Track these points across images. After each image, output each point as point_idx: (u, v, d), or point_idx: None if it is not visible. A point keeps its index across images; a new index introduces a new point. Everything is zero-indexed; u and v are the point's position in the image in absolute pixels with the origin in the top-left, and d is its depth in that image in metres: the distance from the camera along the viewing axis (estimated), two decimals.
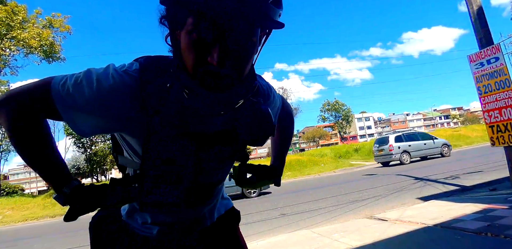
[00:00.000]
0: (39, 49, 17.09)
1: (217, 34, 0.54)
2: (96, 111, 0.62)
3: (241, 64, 0.59)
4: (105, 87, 0.61)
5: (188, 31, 0.56)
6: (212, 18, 0.52)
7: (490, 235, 2.56)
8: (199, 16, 0.53)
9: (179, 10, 0.57)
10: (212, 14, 0.52)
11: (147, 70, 0.64)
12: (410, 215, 3.68)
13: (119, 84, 0.61)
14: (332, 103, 50.23)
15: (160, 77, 0.64)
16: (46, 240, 6.05)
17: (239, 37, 0.55)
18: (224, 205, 0.97)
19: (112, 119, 0.64)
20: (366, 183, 8.12)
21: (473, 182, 5.84)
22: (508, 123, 4.06)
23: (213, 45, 0.54)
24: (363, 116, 71.61)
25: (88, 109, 0.61)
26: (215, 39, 0.54)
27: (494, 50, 4.22)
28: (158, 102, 0.63)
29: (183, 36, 0.58)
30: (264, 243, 3.39)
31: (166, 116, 0.64)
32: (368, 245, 2.76)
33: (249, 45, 0.58)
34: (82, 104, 0.60)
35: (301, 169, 15.83)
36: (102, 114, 0.62)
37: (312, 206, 5.72)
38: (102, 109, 0.62)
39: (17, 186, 35.19)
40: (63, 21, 18.17)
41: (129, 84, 0.62)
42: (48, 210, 12.21)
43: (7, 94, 0.62)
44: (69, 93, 0.60)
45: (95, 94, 0.60)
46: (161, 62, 0.66)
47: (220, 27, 0.53)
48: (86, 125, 0.64)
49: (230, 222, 0.97)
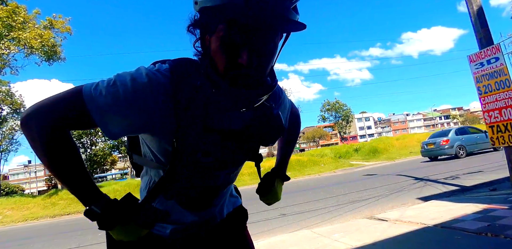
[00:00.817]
0: (40, 50, 17.16)
1: (246, 38, 0.60)
2: (130, 110, 0.64)
3: (265, 65, 0.65)
4: (140, 85, 0.64)
5: (220, 36, 0.62)
6: (242, 24, 0.59)
7: (490, 235, 2.56)
8: (230, 23, 0.60)
9: (212, 18, 0.63)
10: (242, 21, 0.59)
11: (177, 70, 0.69)
12: (410, 215, 3.68)
13: (154, 82, 0.65)
14: (332, 103, 50.23)
15: (189, 77, 0.69)
16: (46, 240, 6.05)
17: (265, 41, 0.62)
18: (232, 202, 1.00)
19: (145, 117, 0.66)
20: (366, 183, 8.12)
21: (473, 182, 5.84)
22: (508, 123, 4.06)
23: (242, 48, 0.61)
24: (363, 116, 71.64)
25: (122, 109, 0.63)
26: (245, 43, 0.61)
27: (494, 50, 4.22)
28: (188, 99, 0.68)
29: (214, 40, 0.64)
30: (264, 243, 3.39)
31: (195, 112, 0.69)
32: (368, 245, 2.76)
33: (271, 47, 0.64)
34: (117, 104, 0.63)
35: (301, 169, 15.82)
36: (136, 112, 0.65)
37: (312, 206, 5.72)
38: (137, 107, 0.64)
39: (17, 186, 35.16)
40: (64, 22, 18.30)
41: (163, 83, 0.66)
42: (48, 210, 12.21)
43: (38, 104, 0.63)
44: (102, 95, 0.62)
45: (130, 93, 0.63)
46: (188, 63, 0.72)
47: (248, 32, 0.60)
48: (118, 127, 0.66)
49: (238, 219, 1.00)
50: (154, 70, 0.67)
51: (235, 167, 0.86)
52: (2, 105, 20.91)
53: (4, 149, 23.75)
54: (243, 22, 0.58)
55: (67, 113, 0.62)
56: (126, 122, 0.65)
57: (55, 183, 35.37)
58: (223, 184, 0.86)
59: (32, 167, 50.20)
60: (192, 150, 0.71)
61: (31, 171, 50.69)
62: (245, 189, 1.12)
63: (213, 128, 0.72)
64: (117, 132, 0.66)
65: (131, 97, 0.63)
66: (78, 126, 0.65)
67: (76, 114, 0.62)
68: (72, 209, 11.88)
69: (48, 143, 0.63)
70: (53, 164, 0.64)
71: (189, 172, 0.75)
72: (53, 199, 13.77)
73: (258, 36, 0.61)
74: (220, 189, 0.87)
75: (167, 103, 0.66)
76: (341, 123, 50.76)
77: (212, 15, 0.62)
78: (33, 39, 16.39)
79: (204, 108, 0.69)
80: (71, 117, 0.63)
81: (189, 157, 0.72)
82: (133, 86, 0.63)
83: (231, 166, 0.84)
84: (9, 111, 21.78)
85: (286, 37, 0.69)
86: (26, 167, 52.65)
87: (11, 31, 16.12)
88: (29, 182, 48.13)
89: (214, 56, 0.64)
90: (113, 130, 0.65)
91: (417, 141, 20.58)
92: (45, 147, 0.63)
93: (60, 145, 0.63)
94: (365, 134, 68.39)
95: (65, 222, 9.30)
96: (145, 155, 0.81)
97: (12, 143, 24.42)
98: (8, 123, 22.85)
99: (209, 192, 0.84)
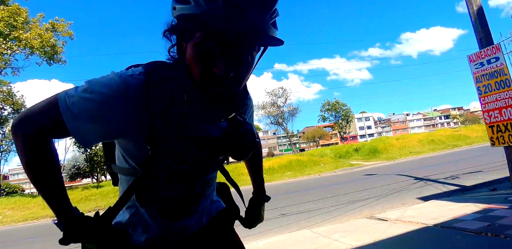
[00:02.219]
0: (41, 50, 17.24)
1: (223, 48, 0.60)
2: (103, 117, 0.63)
3: (241, 76, 0.65)
4: (112, 91, 0.63)
5: (196, 44, 0.61)
6: (219, 35, 0.58)
7: (490, 235, 2.56)
8: (208, 31, 0.59)
9: (188, 24, 0.61)
10: (220, 30, 0.57)
11: (151, 74, 0.67)
12: (410, 215, 3.68)
13: (124, 87, 0.64)
14: (332, 103, 50.20)
15: (164, 81, 0.68)
16: (46, 240, 6.05)
17: (242, 52, 0.62)
18: (215, 208, 0.97)
19: (119, 124, 0.65)
20: (366, 183, 8.12)
21: (473, 182, 5.84)
22: (508, 123, 4.06)
23: (219, 57, 0.60)
24: (363, 116, 71.59)
25: (96, 117, 0.63)
26: (222, 53, 0.60)
27: (495, 50, 4.21)
28: (163, 105, 0.67)
29: (190, 47, 0.63)
30: (264, 243, 3.39)
31: (170, 118, 0.68)
32: (368, 245, 2.76)
33: (248, 59, 0.64)
34: (90, 113, 0.62)
35: (301, 169, 15.82)
36: (109, 119, 0.64)
37: (312, 206, 5.72)
38: (110, 114, 0.63)
39: (17, 186, 35.15)
40: (65, 26, 18.48)
41: (134, 87, 0.65)
42: (48, 210, 12.19)
43: (22, 114, 0.64)
44: (74, 102, 0.62)
45: (102, 100, 0.62)
46: (163, 67, 0.70)
47: (225, 42, 0.59)
48: (91, 134, 0.66)
49: (222, 222, 0.97)
50: (127, 75, 0.66)
51: (210, 174, 0.86)
52: (4, 105, 20.94)
53: (4, 149, 23.76)
54: (221, 32, 0.57)
55: (46, 123, 0.63)
56: (99, 129, 0.65)
57: None
58: (202, 191, 0.85)
59: None
60: (166, 156, 0.71)
61: None
62: (245, 189, 1.11)
63: (189, 135, 0.72)
64: (92, 139, 0.67)
65: (103, 104, 0.62)
66: (58, 134, 0.65)
67: (54, 124, 0.63)
68: None
69: (28, 152, 0.65)
70: (31, 173, 0.66)
71: (164, 178, 0.75)
72: None
73: (235, 47, 0.60)
74: (201, 196, 0.86)
75: (140, 109, 0.65)
76: (341, 123, 50.73)
77: (190, 23, 0.60)
78: (33, 39, 16.46)
79: (180, 114, 0.69)
80: (50, 127, 0.64)
81: (163, 163, 0.71)
82: (105, 93, 0.62)
83: (206, 174, 0.83)
84: (10, 112, 21.81)
85: (263, 51, 0.68)
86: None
87: (13, 31, 16.21)
88: (29, 182, 48.08)
89: (190, 63, 0.64)
90: (86, 137, 0.65)
91: (417, 141, 20.57)
92: (25, 156, 0.65)
93: (38, 154, 0.65)
94: (365, 134, 68.35)
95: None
96: (120, 162, 0.80)
97: (13, 143, 24.41)
98: (9, 123, 22.88)
99: (187, 199, 0.82)
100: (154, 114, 0.66)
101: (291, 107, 41.39)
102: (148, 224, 0.81)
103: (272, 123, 41.89)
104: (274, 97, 40.68)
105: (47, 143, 0.66)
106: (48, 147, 0.66)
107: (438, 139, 21.13)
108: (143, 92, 0.65)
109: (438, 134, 23.02)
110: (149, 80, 0.66)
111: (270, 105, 40.71)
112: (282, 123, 41.69)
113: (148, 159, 0.70)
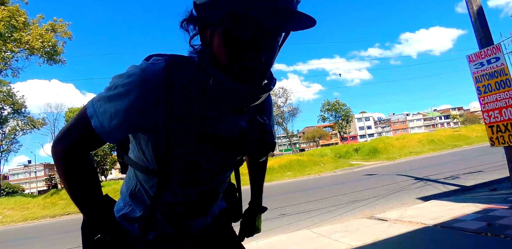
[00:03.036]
0: (41, 50, 17.31)
1: (253, 34, 0.59)
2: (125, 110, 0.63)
3: (269, 62, 0.64)
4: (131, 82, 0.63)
5: (224, 30, 0.60)
6: (249, 20, 0.57)
7: (490, 235, 2.56)
8: (237, 18, 0.57)
9: (214, 11, 0.60)
10: (249, 16, 0.57)
11: (172, 61, 0.67)
12: (410, 215, 3.68)
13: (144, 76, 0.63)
14: (332, 103, 50.21)
15: (184, 73, 0.67)
16: (46, 240, 6.05)
17: (272, 36, 0.61)
18: (217, 207, 0.98)
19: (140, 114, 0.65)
20: (366, 183, 8.12)
21: (473, 182, 5.84)
22: (508, 123, 4.05)
23: (251, 43, 0.59)
24: (363, 116, 71.57)
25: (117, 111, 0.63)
26: (254, 38, 0.59)
27: (495, 50, 4.21)
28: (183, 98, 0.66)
29: (217, 35, 0.61)
30: (264, 243, 3.39)
31: (191, 113, 0.67)
32: (368, 245, 2.76)
33: (275, 46, 0.63)
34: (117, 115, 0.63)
35: (301, 169, 15.81)
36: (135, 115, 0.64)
37: (312, 206, 5.72)
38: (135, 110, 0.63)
39: (17, 186, 35.14)
40: (64, 26, 18.58)
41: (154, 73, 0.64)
42: (48, 210, 12.21)
43: (60, 132, 0.68)
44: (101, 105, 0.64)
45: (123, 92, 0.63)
46: (185, 59, 0.70)
47: (255, 28, 0.58)
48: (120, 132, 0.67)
49: (224, 222, 0.99)
50: (147, 63, 0.65)
51: (227, 173, 0.86)
52: (4, 105, 20.93)
53: (4, 149, 23.76)
54: (252, 16, 0.56)
55: (81, 138, 0.66)
56: (126, 126, 0.66)
57: (55, 183, 35.37)
58: (217, 191, 0.86)
59: (32, 167, 50.18)
60: (182, 155, 0.70)
61: (31, 171, 50.65)
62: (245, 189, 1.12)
63: (208, 133, 0.70)
64: (120, 137, 0.68)
65: (126, 96, 0.62)
66: (95, 145, 0.68)
67: (90, 138, 0.65)
68: (72, 209, 11.87)
69: (67, 167, 0.67)
70: (70, 187, 0.68)
71: (183, 176, 0.75)
72: (53, 199, 13.77)
73: (266, 32, 0.59)
74: (216, 196, 0.87)
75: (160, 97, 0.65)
76: (341, 123, 50.73)
77: (216, 9, 0.59)
78: (34, 39, 16.51)
79: (200, 109, 0.68)
80: (86, 141, 0.66)
81: (182, 161, 0.71)
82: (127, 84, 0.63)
83: (223, 172, 0.84)
84: (10, 112, 21.81)
85: (286, 36, 0.67)
86: (26, 167, 52.57)
87: (14, 32, 16.25)
88: (29, 182, 48.11)
89: (218, 51, 0.62)
90: (116, 136, 0.67)
91: (417, 141, 20.56)
92: (64, 170, 0.67)
93: (77, 169, 0.67)
94: (365, 134, 68.32)
95: (65, 222, 9.30)
96: (136, 156, 0.78)
97: (13, 143, 24.44)
98: (10, 123, 22.90)
99: (204, 200, 0.83)
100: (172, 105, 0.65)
101: (291, 108, 41.44)
102: (159, 222, 0.81)
103: None
104: (274, 97, 40.70)
105: (84, 157, 0.67)
106: (86, 159, 0.68)
107: (438, 139, 21.12)
108: (163, 78, 0.64)
109: (438, 134, 23.00)
110: (169, 66, 0.65)
111: None
112: (282, 124, 41.71)
113: (165, 155, 0.69)
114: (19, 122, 23.53)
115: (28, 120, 23.59)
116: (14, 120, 22.92)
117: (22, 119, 23.32)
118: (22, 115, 22.83)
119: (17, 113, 22.14)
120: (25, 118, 23.28)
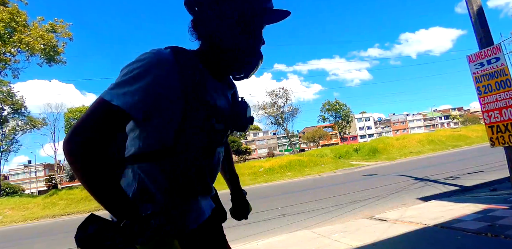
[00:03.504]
0: (42, 51, 17.35)
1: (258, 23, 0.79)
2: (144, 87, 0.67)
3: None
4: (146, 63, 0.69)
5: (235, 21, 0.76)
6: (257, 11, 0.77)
7: (490, 235, 2.56)
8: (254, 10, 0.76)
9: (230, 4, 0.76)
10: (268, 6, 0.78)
11: (176, 48, 0.77)
12: (410, 215, 3.68)
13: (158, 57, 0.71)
14: (332, 104, 50.23)
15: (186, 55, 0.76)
16: (46, 240, 6.05)
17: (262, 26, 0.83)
18: (209, 205, 0.97)
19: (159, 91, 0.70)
20: (366, 183, 8.12)
21: (473, 182, 5.84)
22: (508, 123, 4.05)
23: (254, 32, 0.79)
24: (363, 116, 71.54)
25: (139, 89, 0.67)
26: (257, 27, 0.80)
27: (495, 50, 4.21)
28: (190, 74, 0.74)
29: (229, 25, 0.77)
30: (264, 243, 3.39)
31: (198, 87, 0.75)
32: (368, 245, 2.76)
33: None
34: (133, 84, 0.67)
35: (301, 169, 15.82)
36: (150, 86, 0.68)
37: (312, 206, 5.72)
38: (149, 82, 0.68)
39: (17, 186, 35.13)
40: (65, 27, 18.66)
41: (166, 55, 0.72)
42: (48, 210, 12.21)
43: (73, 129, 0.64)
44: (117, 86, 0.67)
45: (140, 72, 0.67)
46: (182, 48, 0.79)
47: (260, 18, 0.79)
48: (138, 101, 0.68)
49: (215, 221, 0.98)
50: (157, 49, 0.73)
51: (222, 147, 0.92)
52: (3, 105, 20.94)
53: (4, 149, 23.76)
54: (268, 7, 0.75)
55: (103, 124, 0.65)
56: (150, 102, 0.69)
57: (55, 183, 35.34)
58: (218, 163, 0.90)
59: (32, 167, 50.16)
60: (197, 125, 0.75)
61: (31, 171, 50.63)
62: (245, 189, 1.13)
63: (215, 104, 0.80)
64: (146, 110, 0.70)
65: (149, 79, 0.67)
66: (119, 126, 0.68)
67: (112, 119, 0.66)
68: (72, 209, 11.89)
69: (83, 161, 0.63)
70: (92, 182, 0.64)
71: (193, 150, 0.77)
72: (53, 199, 13.78)
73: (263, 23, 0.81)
74: (218, 167, 0.91)
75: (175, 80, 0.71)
76: (341, 123, 50.77)
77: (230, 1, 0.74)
78: (35, 40, 16.54)
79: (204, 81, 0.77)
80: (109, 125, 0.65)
81: (195, 132, 0.75)
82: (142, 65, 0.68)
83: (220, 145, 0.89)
84: (10, 112, 21.82)
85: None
86: (26, 167, 52.54)
87: (14, 33, 16.29)
88: (29, 182, 48.09)
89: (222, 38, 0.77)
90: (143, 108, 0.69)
91: (417, 141, 20.57)
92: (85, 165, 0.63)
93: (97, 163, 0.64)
94: (365, 134, 68.27)
95: (65, 222, 9.30)
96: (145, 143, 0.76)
97: (13, 143, 24.45)
98: (9, 123, 22.90)
99: (210, 170, 0.86)
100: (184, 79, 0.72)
101: (291, 108, 41.44)
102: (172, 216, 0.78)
103: (272, 123, 41.96)
104: (274, 98, 40.73)
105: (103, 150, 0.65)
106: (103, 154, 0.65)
107: (438, 139, 21.13)
108: (172, 59, 0.72)
109: (438, 134, 23.01)
110: (174, 50, 0.75)
111: (270, 105, 40.75)
112: (282, 124, 41.74)
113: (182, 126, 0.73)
114: (19, 122, 23.57)
115: (28, 120, 23.61)
116: (14, 120, 22.94)
117: (22, 119, 23.35)
118: (22, 115, 22.86)
119: (17, 114, 22.15)
120: (25, 118, 23.31)
